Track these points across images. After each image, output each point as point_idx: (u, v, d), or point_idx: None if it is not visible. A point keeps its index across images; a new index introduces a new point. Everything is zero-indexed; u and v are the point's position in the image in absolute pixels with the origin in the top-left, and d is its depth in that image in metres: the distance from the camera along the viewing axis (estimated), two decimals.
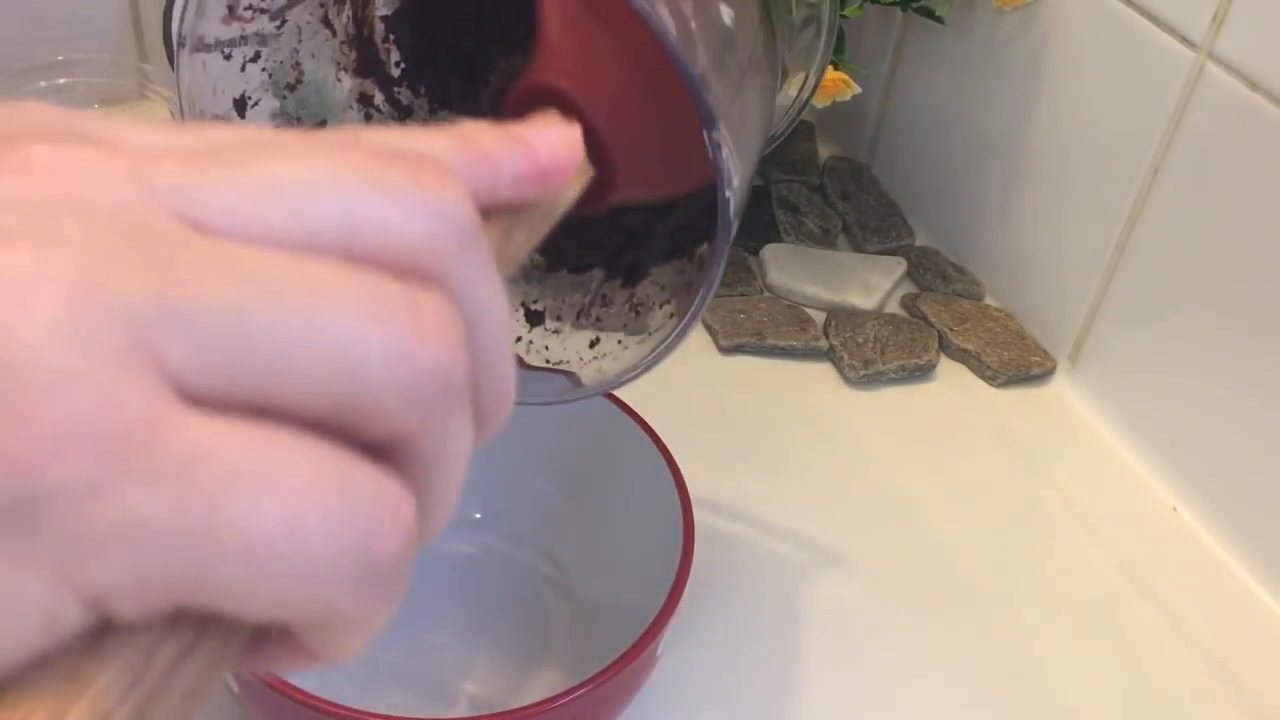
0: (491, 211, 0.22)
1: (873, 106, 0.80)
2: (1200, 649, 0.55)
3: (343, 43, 0.42)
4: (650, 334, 0.39)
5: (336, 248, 0.18)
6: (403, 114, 0.45)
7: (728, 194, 0.31)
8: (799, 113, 0.52)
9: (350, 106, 0.43)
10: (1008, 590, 0.56)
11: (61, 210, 0.17)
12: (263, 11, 0.38)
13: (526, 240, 0.24)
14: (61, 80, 0.74)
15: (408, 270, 0.19)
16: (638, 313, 0.40)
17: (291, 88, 0.40)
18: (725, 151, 0.31)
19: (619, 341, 0.39)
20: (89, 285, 0.16)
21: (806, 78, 0.51)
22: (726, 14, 0.35)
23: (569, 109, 0.29)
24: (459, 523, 0.51)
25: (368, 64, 0.43)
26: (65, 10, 0.75)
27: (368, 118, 0.43)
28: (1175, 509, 0.62)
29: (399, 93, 0.44)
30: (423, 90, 0.45)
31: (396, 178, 0.19)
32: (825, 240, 0.75)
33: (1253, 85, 0.54)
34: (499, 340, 0.20)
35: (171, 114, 0.71)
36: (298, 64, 0.41)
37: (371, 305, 0.18)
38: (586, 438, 0.49)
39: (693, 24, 0.31)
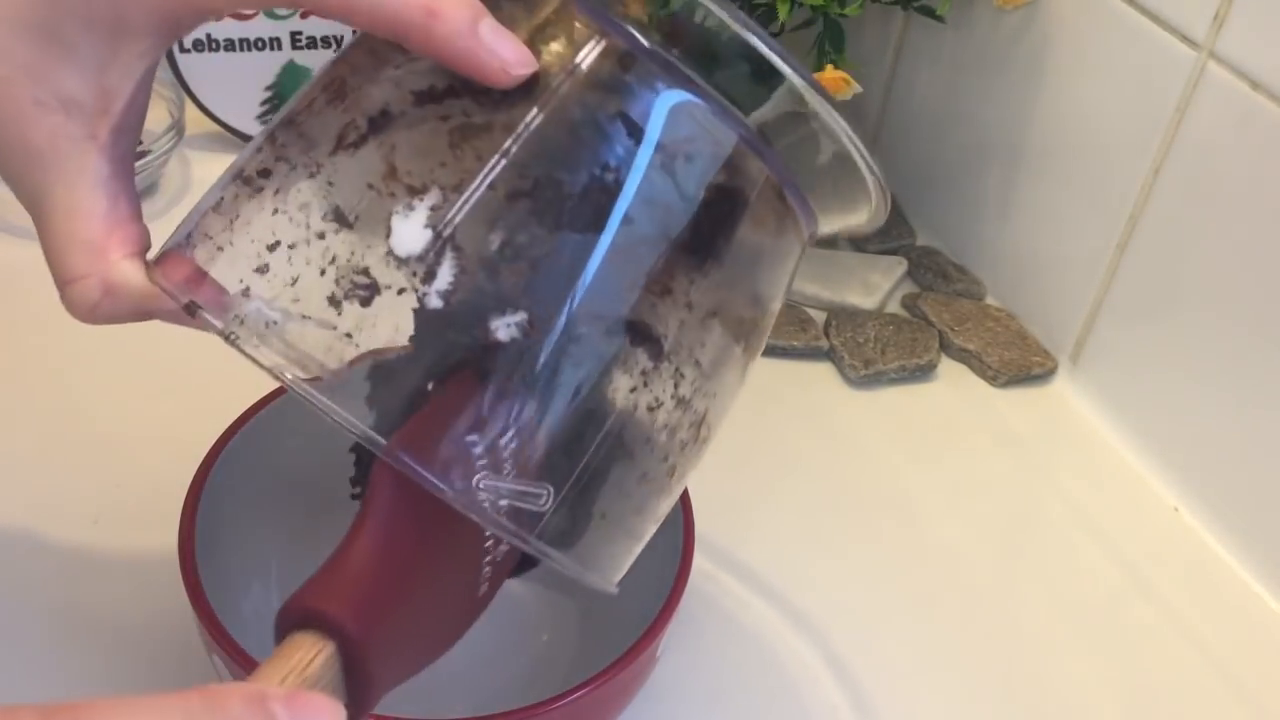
0: None
1: (873, 106, 0.80)
2: (1201, 649, 0.55)
3: None
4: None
5: None
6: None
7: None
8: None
9: None
10: (1008, 590, 0.56)
11: None
12: None
13: None
14: None
15: None
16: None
17: None
18: None
19: None
20: None
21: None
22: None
23: (333, 633, 0.28)
24: None
25: None
26: None
27: None
28: (1176, 509, 0.62)
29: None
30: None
31: None
32: (825, 240, 0.75)
33: (1254, 85, 0.54)
34: None
35: (171, 114, 0.71)
36: None
37: None
38: None
39: None
